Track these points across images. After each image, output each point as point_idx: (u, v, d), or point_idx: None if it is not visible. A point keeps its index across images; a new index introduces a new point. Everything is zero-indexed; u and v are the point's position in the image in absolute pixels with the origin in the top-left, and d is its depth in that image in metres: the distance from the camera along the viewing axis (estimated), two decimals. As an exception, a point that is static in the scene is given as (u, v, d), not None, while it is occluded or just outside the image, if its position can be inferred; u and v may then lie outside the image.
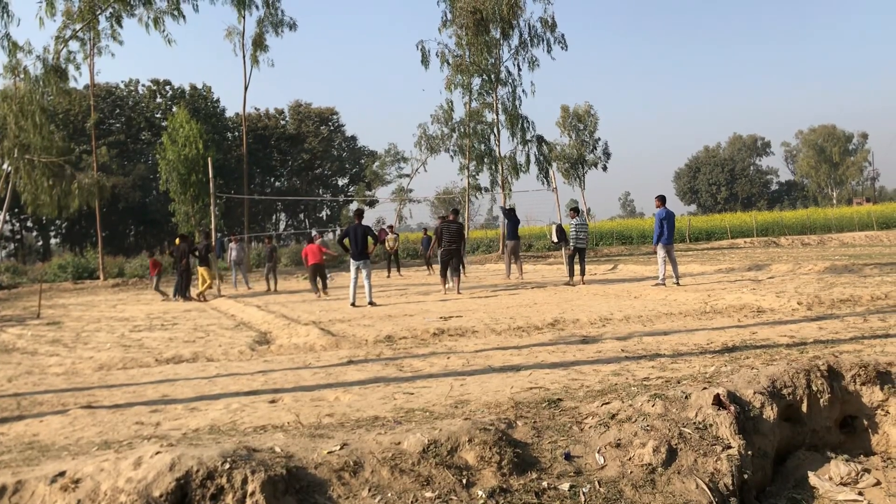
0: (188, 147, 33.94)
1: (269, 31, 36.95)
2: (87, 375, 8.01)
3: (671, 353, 7.24)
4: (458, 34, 36.53)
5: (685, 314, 10.47)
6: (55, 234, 67.95)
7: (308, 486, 3.62)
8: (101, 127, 59.43)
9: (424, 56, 36.66)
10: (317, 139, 75.39)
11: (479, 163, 40.56)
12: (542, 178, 38.66)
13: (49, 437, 5.13)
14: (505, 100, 37.31)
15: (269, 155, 74.33)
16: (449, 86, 38.33)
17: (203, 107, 66.26)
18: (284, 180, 77.22)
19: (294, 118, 77.16)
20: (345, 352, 8.68)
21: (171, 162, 34.21)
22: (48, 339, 11.78)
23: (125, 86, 69.33)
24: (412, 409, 5.30)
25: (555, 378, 6.24)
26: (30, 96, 23.02)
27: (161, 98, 69.53)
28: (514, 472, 3.83)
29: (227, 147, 64.51)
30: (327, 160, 77.51)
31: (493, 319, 10.78)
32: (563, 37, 36.68)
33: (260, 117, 74.47)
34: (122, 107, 68.18)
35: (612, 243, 45.18)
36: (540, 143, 38.97)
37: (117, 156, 61.30)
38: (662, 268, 15.30)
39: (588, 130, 64.39)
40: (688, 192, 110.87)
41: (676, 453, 4.02)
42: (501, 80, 36.95)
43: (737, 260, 23.67)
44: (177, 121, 35.21)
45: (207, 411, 5.70)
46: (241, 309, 15.22)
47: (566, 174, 63.70)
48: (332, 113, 78.52)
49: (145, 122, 67.69)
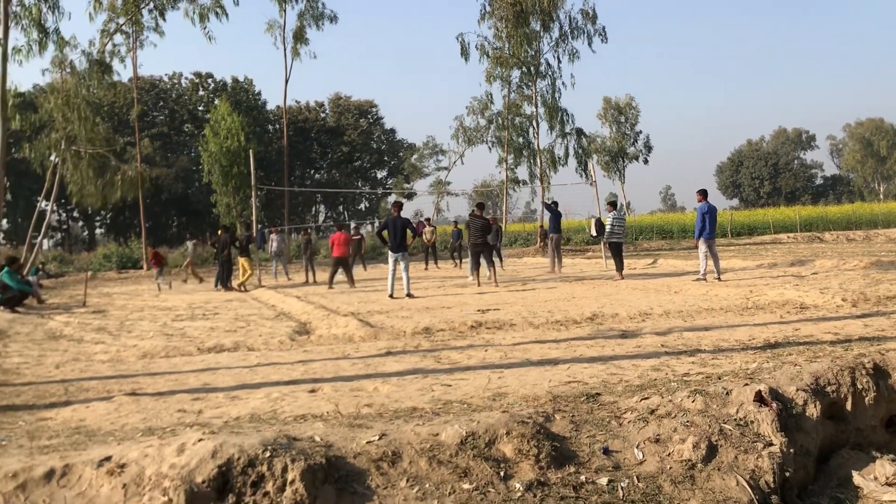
0: (230, 139, 34.42)
1: (310, 24, 37.23)
2: (131, 363, 8.18)
3: (712, 349, 7.15)
4: (497, 26, 36.43)
5: (726, 310, 10.33)
6: (100, 224, 69.45)
7: (347, 475, 3.65)
8: (145, 119, 60.51)
9: (464, 48, 36.67)
10: (356, 132, 75.77)
11: (517, 156, 40.46)
12: (581, 172, 38.46)
13: (95, 422, 5.24)
14: (544, 92, 37.17)
15: (310, 147, 74.95)
16: (489, 78, 38.28)
17: (244, 99, 67.02)
18: (324, 172, 77.79)
19: (334, 111, 77.64)
20: (383, 343, 8.74)
21: (213, 154, 34.73)
22: (93, 326, 12.04)
23: (168, 79, 70.49)
24: (450, 401, 5.32)
25: (593, 372, 6.21)
26: (75, 89, 23.49)
27: (203, 91, 70.50)
28: (551, 466, 3.82)
29: (268, 139, 65.22)
30: (366, 153, 77.86)
31: (531, 313, 10.75)
32: (603, 29, 36.42)
33: (300, 110, 75.08)
34: (165, 99, 69.30)
35: (653, 238, 44.74)
36: (579, 135, 38.74)
37: (160, 148, 62.34)
38: (703, 263, 15.10)
39: (629, 123, 63.76)
40: (730, 187, 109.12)
41: (716, 450, 3.97)
42: (541, 72, 36.76)
43: (780, 255, 23.26)
44: (219, 113, 35.72)
45: (248, 400, 5.79)
46: (281, 299, 15.39)
47: (606, 167, 63.20)
48: (371, 105, 78.83)
49: (188, 114, 68.72)
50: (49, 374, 7.64)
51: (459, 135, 45.36)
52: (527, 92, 38.55)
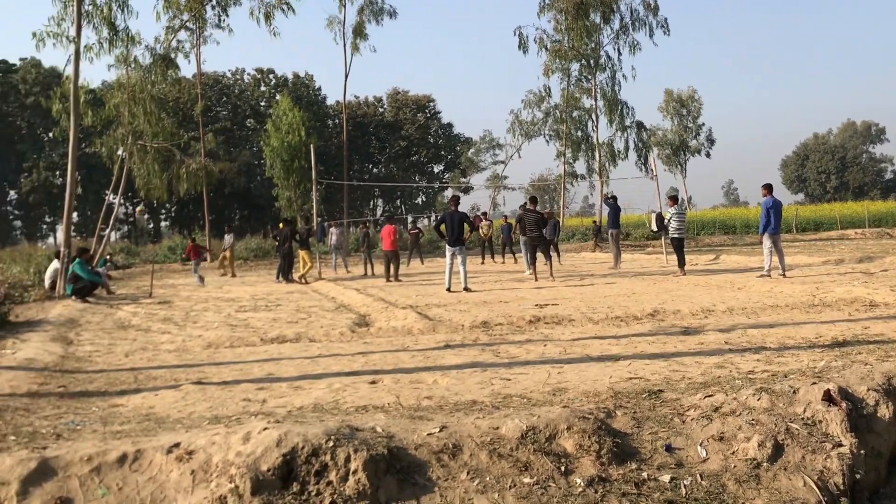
0: (291, 134, 34.96)
1: (369, 19, 37.50)
2: (197, 353, 8.40)
3: (777, 347, 6.99)
4: (556, 19, 36.13)
5: (792, 307, 10.07)
6: (165, 217, 71.32)
7: (408, 466, 3.69)
8: (209, 114, 61.85)
9: (522, 42, 36.47)
10: (413, 126, 76.14)
11: (575, 149, 40.08)
12: (641, 165, 37.91)
13: (164, 409, 5.40)
14: (604, 85, 36.75)
15: (368, 142, 75.64)
16: (546, 72, 38.00)
17: (305, 95, 67.97)
18: (382, 167, 78.41)
19: (392, 106, 78.15)
20: (441, 336, 8.78)
21: (274, 149, 35.33)
22: (160, 317, 12.37)
23: (231, 74, 71.89)
24: (509, 395, 5.32)
25: (655, 369, 6.13)
26: (140, 85, 24.13)
27: (265, 86, 71.74)
28: (613, 462, 3.79)
29: (327, 134, 66.01)
30: (423, 147, 78.17)
31: (590, 308, 10.66)
32: (665, 21, 35.81)
33: (359, 105, 75.79)
34: (228, 95, 70.74)
35: (715, 233, 43.82)
36: (640, 128, 38.20)
37: (224, 142, 63.62)
38: (768, 259, 14.75)
39: (692, 115, 62.54)
40: (795, 181, 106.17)
41: (783, 449, 3.89)
42: (601, 64, 36.33)
43: (847, 251, 22.54)
44: (280, 108, 36.29)
45: (311, 390, 5.89)
46: (340, 291, 15.59)
47: (667, 161, 62.14)
48: (428, 100, 79.08)
49: (250, 109, 70.02)
50: (119, 363, 7.89)
51: (515, 128, 45.14)
52: (586, 85, 38.14)
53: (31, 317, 12.20)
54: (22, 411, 5.36)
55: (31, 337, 9.46)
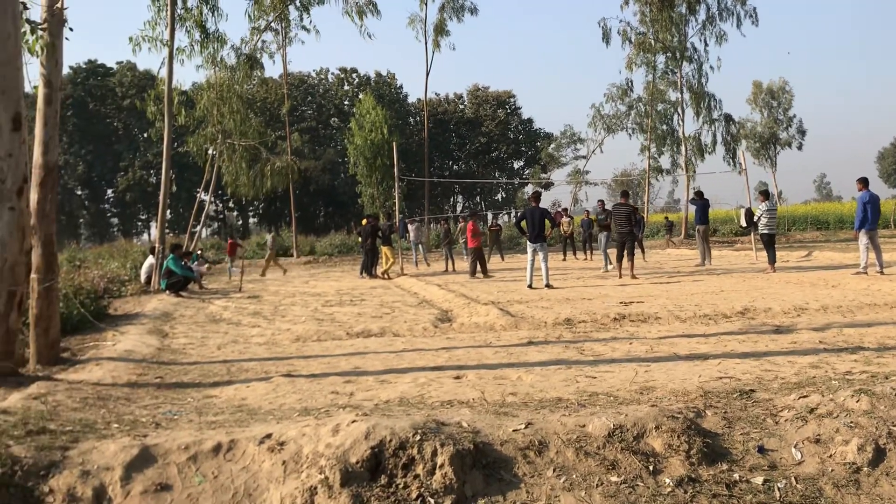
0: (374, 132, 35.45)
1: (450, 16, 37.64)
2: (286, 346, 8.62)
3: (876, 347, 6.70)
4: (641, 11, 35.45)
5: (891, 305, 9.62)
6: (253, 214, 73.39)
7: (494, 462, 3.71)
8: (294, 114, 63.27)
9: (606, 34, 35.94)
10: (493, 123, 76.01)
11: (660, 144, 39.25)
12: (730, 159, 36.85)
13: (255, 401, 5.57)
14: (690, 77, 35.84)
15: (448, 139, 75.95)
16: (629, 65, 37.34)
17: (387, 93, 68.78)
18: (462, 163, 78.59)
19: (472, 102, 78.20)
20: (524, 332, 8.76)
21: (358, 147, 35.91)
22: (249, 311, 12.73)
23: (316, 74, 73.37)
24: (595, 393, 5.27)
25: (746, 368, 5.97)
26: (228, 84, 24.89)
27: (348, 85, 72.95)
28: (702, 462, 3.72)
29: (409, 132, 66.63)
30: (504, 143, 77.94)
31: (677, 306, 10.45)
32: (754, 10, 34.68)
33: (440, 102, 76.16)
34: (313, 94, 72.21)
35: (806, 229, 42.24)
36: (728, 121, 37.13)
37: (309, 141, 64.98)
38: (864, 255, 14.12)
39: (782, 107, 60.33)
40: (893, 174, 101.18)
41: (885, 453, 3.74)
42: (686, 56, 35.46)
43: (953, 248, 21.37)
44: (363, 107, 36.84)
45: (396, 384, 5.97)
46: (422, 287, 15.73)
47: (756, 154, 60.11)
48: (509, 96, 78.78)
49: (334, 108, 71.32)
50: (212, 355, 8.17)
51: (597, 122, 44.50)
52: (671, 77, 37.31)
53: (128, 310, 12.75)
54: (123, 400, 5.61)
55: (130, 329, 9.89)
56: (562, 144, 60.32)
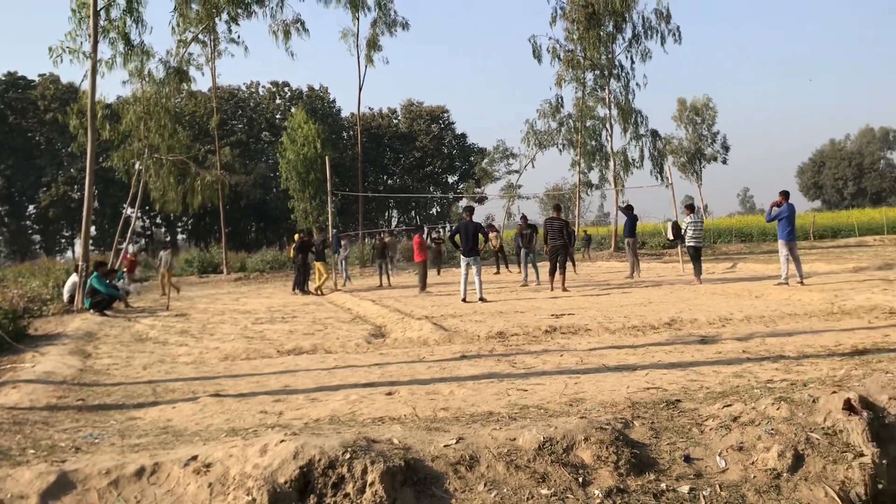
0: (306, 146, 35.19)
1: (382, 31, 37.66)
2: (214, 365, 8.43)
3: (796, 355, 6.93)
4: (569, 29, 36.13)
5: (811, 315, 9.98)
6: (182, 230, 71.77)
7: (425, 478, 3.69)
8: (224, 128, 62.28)
9: (536, 51, 36.47)
10: (428, 137, 76.35)
11: (589, 159, 39.99)
12: (657, 174, 37.79)
13: (181, 422, 5.42)
14: (617, 94, 36.65)
15: (382, 153, 75.90)
16: (559, 82, 37.99)
17: (320, 107, 68.34)
18: (397, 178, 78.60)
19: (406, 117, 78.43)
20: (457, 347, 8.77)
21: (290, 161, 35.58)
22: (177, 329, 12.43)
23: (246, 88, 72.41)
24: (526, 406, 5.30)
25: (672, 378, 6.09)
26: (155, 98, 24.37)
27: (280, 99, 72.23)
28: (631, 473, 3.77)
29: (342, 146, 66.29)
30: (438, 158, 78.31)
31: (607, 318, 10.62)
32: (678, 28, 35.69)
33: (373, 116, 76.14)
34: (243, 108, 71.23)
35: (731, 241, 43.56)
36: (654, 137, 38.09)
37: (239, 155, 64.06)
38: (785, 266, 14.64)
39: (706, 123, 62.33)
40: (812, 188, 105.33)
41: (803, 459, 3.86)
42: (614, 73, 36.28)
43: (866, 258, 22.30)
44: (295, 121, 36.55)
45: (327, 402, 5.90)
46: (356, 303, 15.61)
47: (682, 169, 61.95)
48: (442, 111, 79.27)
49: (266, 122, 70.46)
50: (137, 375, 7.93)
51: (530, 138, 45.10)
52: (600, 94, 38.11)
53: (49, 330, 12.30)
54: (41, 424, 5.40)
55: (50, 350, 9.54)
56: (495, 159, 60.95)
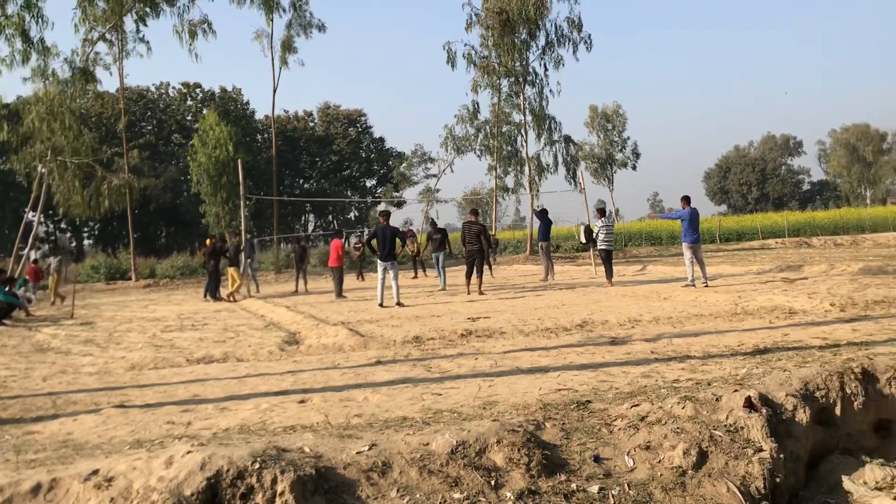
0: (219, 149, 34.36)
1: (297, 33, 37.18)
2: (120, 375, 8.13)
3: (701, 355, 7.16)
4: (484, 35, 36.50)
5: (716, 315, 10.36)
6: (88, 235, 69.01)
7: (337, 486, 3.64)
8: (133, 129, 60.29)
9: (451, 57, 36.69)
10: (345, 141, 75.75)
11: (505, 164, 40.48)
12: (570, 179, 38.54)
13: (83, 435, 5.21)
14: (532, 100, 37.22)
15: (298, 157, 74.84)
16: (475, 87, 38.31)
17: (233, 109, 66.91)
18: (313, 182, 77.66)
19: (323, 120, 77.60)
20: (373, 352, 8.71)
21: (201, 164, 34.66)
22: (81, 339, 11.96)
23: (156, 88, 70.21)
24: (440, 410, 5.30)
25: (583, 380, 6.20)
26: (59, 99, 23.40)
27: (192, 101, 70.32)
28: (542, 474, 3.81)
29: (256, 149, 65.03)
30: (355, 162, 77.82)
31: (521, 320, 10.75)
32: (589, 37, 36.53)
33: (289, 119, 75.02)
34: (153, 109, 69.03)
35: (641, 244, 44.86)
36: (567, 143, 38.84)
37: (149, 158, 62.06)
38: (690, 269, 15.16)
39: (617, 130, 64.04)
40: (718, 193, 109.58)
41: (707, 456, 3.98)
42: (529, 80, 36.84)
43: (768, 261, 23.34)
44: (207, 123, 35.66)
45: (237, 411, 5.76)
46: (270, 309, 15.34)
47: (595, 174, 63.36)
48: (360, 115, 78.83)
49: (176, 124, 68.48)
50: (36, 387, 7.58)
51: (449, 143, 45.36)
52: (515, 100, 38.63)
53: (-60, 342, 11.63)
54: (-72, 442, 5.08)
55: (-59, 363, 9.02)
56: (413, 163, 60.97)
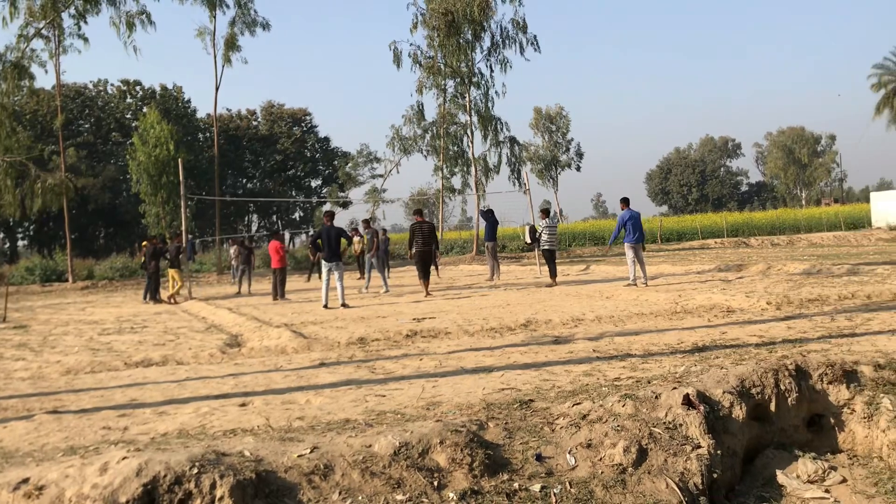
0: (159, 148, 33.67)
1: (241, 31, 36.66)
2: (54, 380, 7.89)
3: (642, 354, 7.28)
4: (430, 36, 36.52)
5: (656, 314, 10.55)
6: (23, 235, 66.83)
7: (278, 490, 3.58)
8: (70, 128, 58.62)
9: (397, 57, 36.65)
10: (289, 140, 74.98)
11: (452, 164, 40.57)
12: (515, 180, 38.82)
13: (13, 443, 5.04)
14: (478, 101, 37.39)
15: (242, 156, 73.80)
16: (420, 88, 38.34)
17: (174, 107, 65.61)
18: (257, 181, 76.66)
19: (266, 119, 76.66)
20: (317, 354, 8.63)
21: (141, 163, 33.93)
22: (14, 343, 11.58)
23: (94, 86, 68.38)
24: (384, 412, 5.28)
25: (527, 379, 6.25)
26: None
27: (131, 98, 68.72)
28: (485, 474, 3.82)
29: (198, 148, 63.91)
30: (300, 161, 77.08)
31: (466, 320, 10.78)
32: (535, 38, 36.88)
33: (232, 118, 73.92)
34: (91, 107, 67.24)
35: (585, 244, 45.42)
36: (512, 144, 39.13)
37: (87, 157, 60.46)
38: (632, 268, 15.42)
39: (561, 132, 64.83)
40: (659, 194, 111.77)
41: (647, 453, 4.04)
42: (474, 81, 36.98)
43: (707, 260, 23.89)
44: (147, 122, 34.90)
45: (176, 415, 5.64)
46: (212, 311, 15.07)
47: (540, 175, 64.05)
48: (304, 114, 78.12)
49: (115, 122, 66.82)
50: (-36, 394, 7.29)
51: (395, 144, 45.23)
52: (461, 101, 38.75)
53: None
54: None
55: None
56: (359, 163, 60.63)
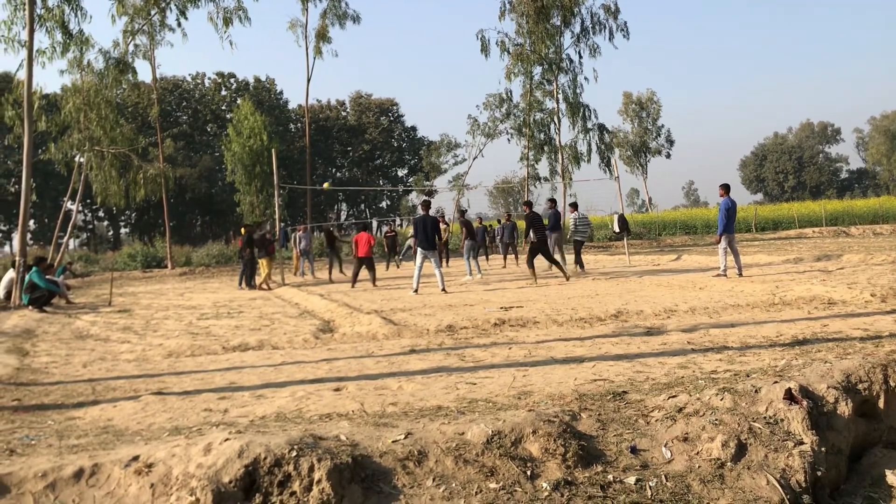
0: (253, 139, 34.69)
1: (332, 23, 37.30)
2: (157, 362, 8.24)
3: (739, 346, 7.07)
4: (518, 22, 36.28)
5: (753, 306, 10.21)
6: (125, 223, 70.18)
7: (373, 474, 3.65)
8: (168, 119, 61.07)
9: (484, 45, 36.56)
10: (377, 130, 76.02)
11: (538, 151, 40.28)
12: (604, 167, 38.25)
13: (122, 422, 5.28)
14: (566, 88, 36.97)
15: (331, 146, 75.31)
16: (508, 75, 38.14)
17: (267, 99, 67.48)
18: (345, 171, 78.08)
19: (355, 109, 77.93)
20: (406, 341, 8.73)
21: (236, 153, 35.04)
22: (119, 326, 12.14)
23: (192, 79, 71.05)
24: (475, 400, 5.30)
25: (619, 370, 6.16)
26: (96, 89, 23.77)
27: (226, 91, 71.04)
28: (578, 465, 3.79)
29: (289, 138, 65.60)
30: (387, 150, 78.08)
31: (555, 310, 10.70)
32: (625, 24, 36.25)
33: (322, 109, 75.46)
34: (188, 99, 69.87)
35: (676, 233, 44.40)
36: (602, 131, 38.54)
37: (184, 147, 62.87)
38: (723, 258, 14.96)
39: (651, 118, 63.38)
40: (754, 181, 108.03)
41: (746, 448, 3.92)
42: (563, 68, 36.56)
43: (805, 250, 22.96)
44: (241, 113, 35.99)
45: (274, 399, 5.80)
46: (304, 297, 15.45)
47: (628, 162, 62.88)
48: (392, 104, 79.00)
49: (211, 114, 69.25)
50: (77, 374, 7.71)
51: (475, 130, 45.09)
52: (548, 88, 38.39)
53: (-16, 328, 11.90)
54: (-27, 427, 5.20)
55: (-15, 349, 9.22)
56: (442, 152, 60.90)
